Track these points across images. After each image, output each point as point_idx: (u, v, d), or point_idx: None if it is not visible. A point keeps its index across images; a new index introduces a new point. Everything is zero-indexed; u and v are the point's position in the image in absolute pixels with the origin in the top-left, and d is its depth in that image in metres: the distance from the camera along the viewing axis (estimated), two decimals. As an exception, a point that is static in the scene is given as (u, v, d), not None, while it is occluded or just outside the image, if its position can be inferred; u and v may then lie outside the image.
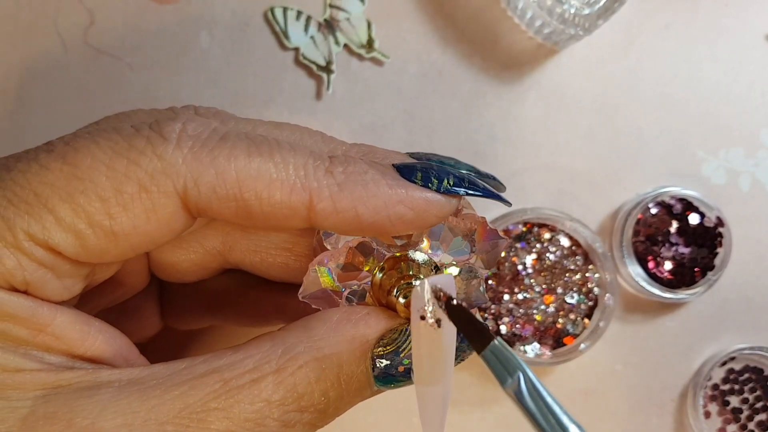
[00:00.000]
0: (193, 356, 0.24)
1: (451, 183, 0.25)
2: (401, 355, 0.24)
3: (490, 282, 0.43)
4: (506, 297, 0.43)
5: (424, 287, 0.23)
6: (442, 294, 0.23)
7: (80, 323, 0.25)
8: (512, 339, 0.42)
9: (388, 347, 0.24)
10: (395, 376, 0.24)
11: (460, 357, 0.25)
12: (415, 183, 0.24)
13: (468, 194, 0.25)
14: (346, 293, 0.27)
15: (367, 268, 0.27)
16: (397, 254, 0.27)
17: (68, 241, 0.23)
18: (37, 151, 0.24)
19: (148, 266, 0.30)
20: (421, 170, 0.25)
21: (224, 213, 0.24)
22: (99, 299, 0.29)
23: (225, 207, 0.23)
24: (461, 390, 0.43)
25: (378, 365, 0.24)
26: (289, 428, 0.23)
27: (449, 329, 0.23)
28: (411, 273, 0.26)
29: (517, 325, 0.42)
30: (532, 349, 0.42)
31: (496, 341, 0.22)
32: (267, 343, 0.24)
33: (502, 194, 0.27)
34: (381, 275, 0.26)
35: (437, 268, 0.27)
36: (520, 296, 0.43)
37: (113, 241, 0.23)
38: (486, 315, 0.42)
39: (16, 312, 0.23)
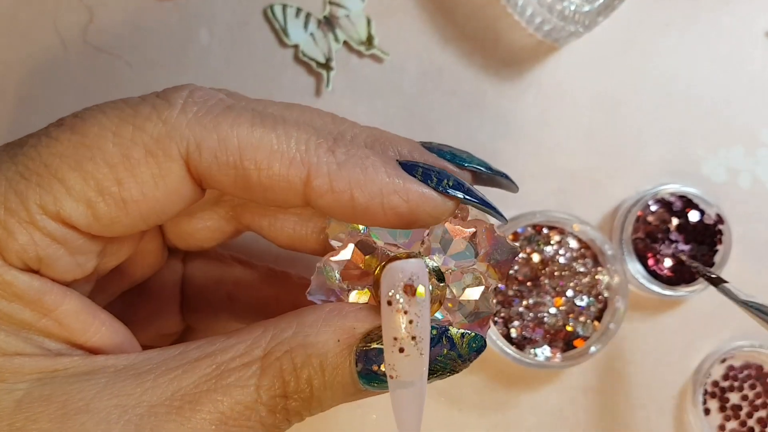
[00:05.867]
0: (188, 342, 0.25)
1: (450, 184, 0.24)
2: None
3: (499, 285, 0.42)
4: (516, 300, 0.43)
5: (392, 271, 0.22)
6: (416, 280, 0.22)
7: (85, 313, 0.25)
8: (522, 342, 0.42)
9: (374, 344, 0.23)
10: (377, 374, 0.23)
11: (450, 368, 0.24)
12: (414, 177, 0.24)
13: (465, 200, 0.25)
14: (352, 293, 0.27)
15: (370, 268, 0.26)
16: (401, 254, 0.26)
17: (79, 210, 0.23)
18: (48, 127, 0.24)
19: (163, 242, 0.31)
20: (423, 167, 0.25)
21: (223, 181, 0.24)
22: (117, 282, 0.30)
23: (224, 174, 0.24)
24: (461, 389, 0.43)
25: (361, 360, 0.23)
26: (275, 414, 0.23)
27: (424, 323, 0.22)
28: None
29: (528, 329, 0.42)
30: (543, 352, 0.42)
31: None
32: (259, 329, 0.24)
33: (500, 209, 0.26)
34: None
35: (440, 275, 0.26)
36: (530, 300, 0.43)
37: (123, 209, 0.23)
38: (496, 318, 0.42)
39: (24, 293, 0.23)
